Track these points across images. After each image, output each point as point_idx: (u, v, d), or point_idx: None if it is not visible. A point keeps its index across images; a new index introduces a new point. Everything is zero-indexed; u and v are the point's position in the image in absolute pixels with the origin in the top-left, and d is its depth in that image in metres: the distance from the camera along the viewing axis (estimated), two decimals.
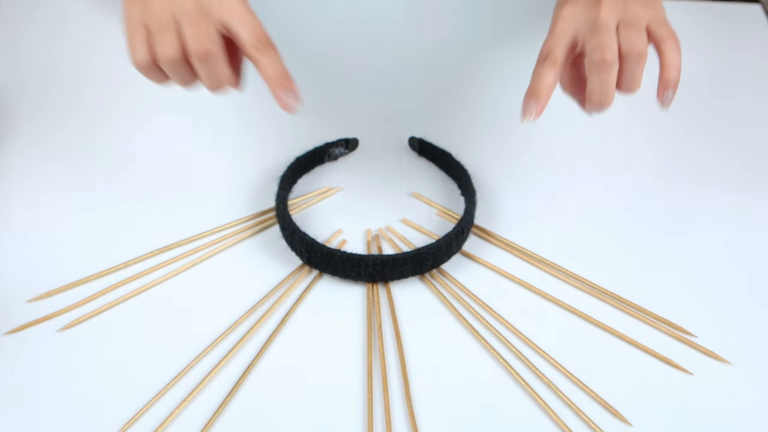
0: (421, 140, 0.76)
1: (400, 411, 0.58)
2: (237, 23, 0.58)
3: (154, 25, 0.58)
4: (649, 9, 0.61)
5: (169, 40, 0.57)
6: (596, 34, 0.59)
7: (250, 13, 0.59)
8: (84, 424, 0.56)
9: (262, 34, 0.59)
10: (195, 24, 0.57)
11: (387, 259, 0.64)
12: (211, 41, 0.57)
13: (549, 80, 0.60)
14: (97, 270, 0.66)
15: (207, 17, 0.58)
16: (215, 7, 0.58)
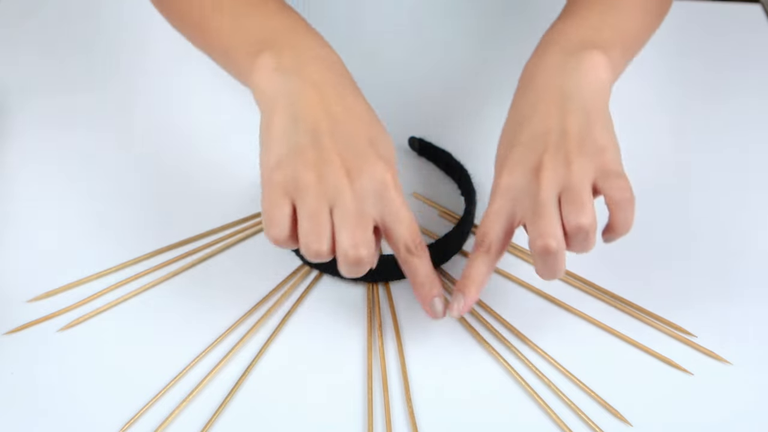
0: (420, 140, 0.76)
1: (400, 411, 0.58)
2: (394, 223, 0.55)
3: (305, 212, 0.53)
4: (596, 158, 0.55)
5: (322, 238, 0.53)
6: (537, 219, 0.54)
7: (408, 211, 0.55)
8: (84, 424, 0.56)
9: (417, 235, 0.56)
10: (353, 226, 0.53)
11: (387, 259, 0.64)
12: (366, 249, 0.53)
13: (481, 271, 0.57)
14: (97, 270, 0.66)
15: (366, 219, 0.54)
16: (376, 205, 0.55)
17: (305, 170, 0.53)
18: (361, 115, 0.57)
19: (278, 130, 0.55)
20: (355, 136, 0.56)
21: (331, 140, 0.55)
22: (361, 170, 0.54)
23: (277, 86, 0.57)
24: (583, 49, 0.59)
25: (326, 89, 0.57)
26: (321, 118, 0.55)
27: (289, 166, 0.54)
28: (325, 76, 0.58)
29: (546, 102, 0.58)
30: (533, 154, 0.56)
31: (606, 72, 0.58)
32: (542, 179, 0.54)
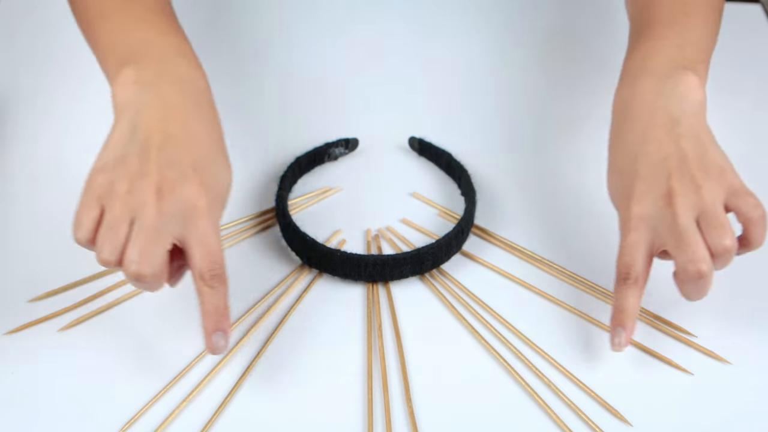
0: (421, 140, 0.76)
1: (400, 411, 0.58)
2: (193, 249, 0.55)
3: (108, 220, 0.54)
4: (721, 179, 0.57)
5: (112, 248, 0.54)
6: (683, 246, 0.55)
7: (213, 239, 0.55)
8: (84, 424, 0.56)
9: (216, 265, 0.55)
10: (143, 243, 0.53)
11: (387, 259, 0.64)
12: (148, 267, 0.53)
13: (633, 303, 0.58)
14: (97, 270, 0.66)
15: (161, 237, 0.54)
16: (179, 225, 0.54)
17: (121, 180, 0.55)
18: (199, 140, 0.58)
19: (115, 136, 0.57)
20: (182, 157, 0.56)
21: (157, 156, 0.55)
22: (173, 190, 0.54)
23: (130, 98, 0.58)
24: (675, 72, 0.60)
25: (174, 110, 0.58)
26: (156, 134, 0.56)
27: (109, 172, 0.55)
28: (178, 98, 0.58)
29: (655, 128, 0.59)
30: (659, 183, 0.57)
31: (700, 92, 0.61)
32: (677, 206, 0.56)
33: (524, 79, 0.86)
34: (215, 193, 0.57)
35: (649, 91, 0.61)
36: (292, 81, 0.84)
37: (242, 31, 0.89)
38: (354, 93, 0.83)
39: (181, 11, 0.92)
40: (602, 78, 0.84)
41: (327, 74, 0.85)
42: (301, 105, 0.81)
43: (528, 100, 0.83)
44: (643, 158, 0.58)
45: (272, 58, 0.86)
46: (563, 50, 0.89)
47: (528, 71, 0.86)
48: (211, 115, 0.61)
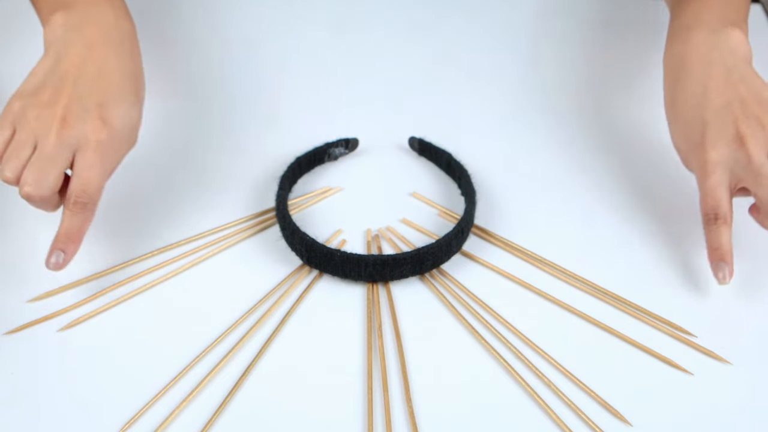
0: (420, 140, 0.76)
1: (400, 411, 0.58)
2: (74, 175, 0.61)
3: (15, 141, 0.61)
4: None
5: (12, 166, 0.60)
6: (762, 180, 0.61)
7: (95, 169, 0.61)
8: (84, 424, 0.56)
9: (85, 194, 0.60)
10: (38, 168, 0.60)
11: (387, 259, 0.64)
12: (40, 190, 0.60)
13: (727, 239, 0.62)
14: (97, 270, 0.66)
15: (55, 163, 0.60)
16: (72, 155, 0.61)
17: (33, 107, 0.61)
18: (112, 80, 0.63)
19: (39, 67, 0.64)
20: (92, 94, 0.62)
21: (70, 90, 0.61)
22: (75, 123, 0.60)
23: (57, 36, 0.64)
24: (724, 28, 0.66)
25: (94, 50, 0.64)
26: (72, 69, 0.62)
27: (25, 98, 0.62)
28: (100, 40, 0.64)
29: (713, 78, 0.64)
30: (727, 127, 0.62)
31: (747, 45, 0.66)
32: (749, 146, 0.61)
33: (524, 78, 0.86)
34: (116, 132, 0.62)
35: (704, 44, 0.65)
36: (292, 81, 0.84)
37: (242, 32, 0.89)
38: (354, 93, 0.83)
39: (181, 12, 0.92)
40: (602, 77, 0.84)
41: (327, 74, 0.85)
42: (301, 105, 0.81)
43: (527, 100, 0.83)
44: (708, 106, 0.63)
45: (272, 58, 0.86)
46: (563, 49, 0.89)
47: (528, 71, 0.86)
48: (131, 59, 0.66)
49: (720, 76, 0.64)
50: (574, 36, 0.90)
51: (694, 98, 0.64)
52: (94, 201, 0.61)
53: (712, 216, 0.62)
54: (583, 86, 0.84)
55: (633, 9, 0.92)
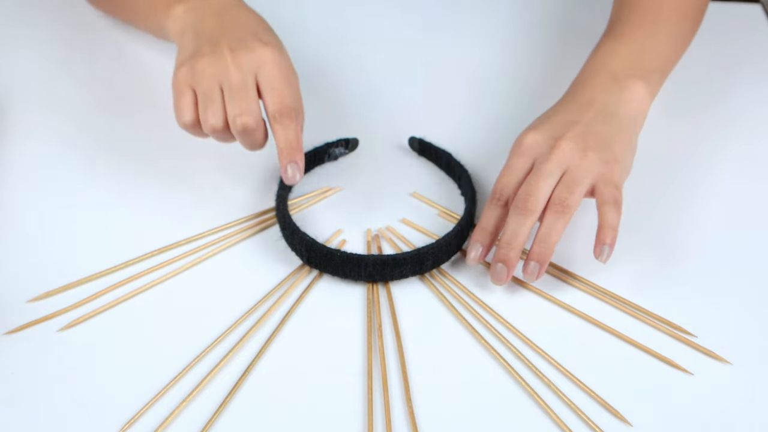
0: (420, 140, 0.76)
1: (400, 411, 0.58)
2: (266, 92, 0.64)
3: (202, 93, 0.64)
4: (607, 165, 0.62)
5: (214, 111, 0.63)
6: (530, 178, 0.62)
7: (280, 80, 0.64)
8: (84, 424, 0.56)
9: (285, 106, 0.64)
10: (238, 99, 0.63)
11: (387, 259, 0.64)
12: (250, 116, 0.63)
13: (494, 221, 0.64)
14: (97, 270, 0.66)
15: (249, 91, 0.64)
16: (254, 77, 0.64)
17: (200, 62, 0.65)
18: (251, 21, 0.69)
19: (185, 45, 0.67)
20: (243, 33, 0.66)
21: (222, 37, 0.66)
22: (243, 51, 0.64)
23: (185, 22, 0.69)
24: (628, 77, 0.67)
25: (224, 13, 0.69)
26: (216, 28, 0.67)
27: (189, 62, 0.65)
28: (224, 6, 0.69)
29: (589, 107, 0.66)
30: (559, 130, 0.64)
31: (644, 101, 0.67)
32: (556, 151, 0.62)
33: (524, 77, 0.86)
34: (279, 49, 0.66)
35: (599, 86, 0.67)
36: None
37: None
38: (354, 93, 0.83)
39: None
40: None
41: (327, 74, 0.85)
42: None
43: (527, 99, 0.83)
44: (563, 115, 0.66)
45: None
46: (564, 48, 0.89)
47: (528, 70, 0.86)
48: (253, 11, 0.70)
49: (594, 110, 0.66)
50: (575, 35, 0.90)
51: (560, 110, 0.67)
52: (295, 108, 0.64)
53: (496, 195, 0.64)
54: None
55: None
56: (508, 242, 0.61)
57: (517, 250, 0.61)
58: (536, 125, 0.66)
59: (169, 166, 0.74)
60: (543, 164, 0.62)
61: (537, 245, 0.61)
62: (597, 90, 0.67)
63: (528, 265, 0.61)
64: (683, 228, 0.70)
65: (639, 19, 0.71)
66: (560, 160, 0.62)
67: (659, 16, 0.71)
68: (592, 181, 0.62)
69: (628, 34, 0.71)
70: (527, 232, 0.61)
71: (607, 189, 0.62)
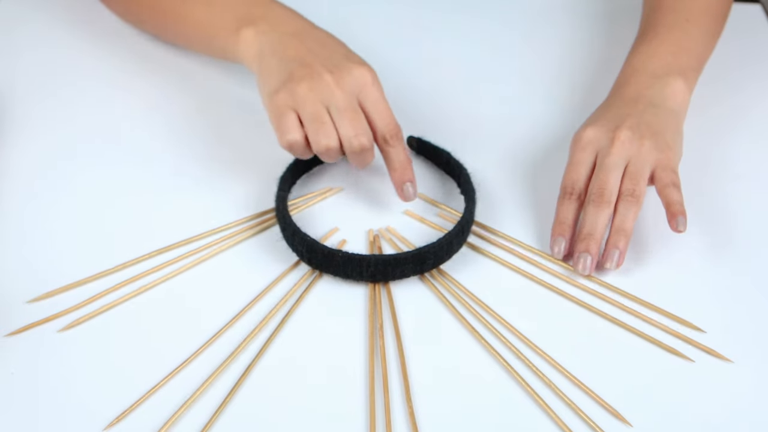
0: (419, 139, 0.76)
1: (401, 411, 0.58)
2: (374, 114, 0.66)
3: (308, 115, 0.64)
4: (662, 152, 0.66)
5: (326, 132, 0.64)
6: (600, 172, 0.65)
7: (385, 104, 0.66)
8: (84, 425, 0.56)
9: (394, 127, 0.66)
10: (350, 120, 0.65)
11: (389, 258, 0.64)
12: (366, 137, 0.65)
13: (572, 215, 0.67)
14: (97, 270, 0.66)
15: (358, 112, 0.65)
16: (361, 101, 0.66)
17: (299, 85, 0.65)
18: (333, 43, 0.69)
19: (270, 70, 0.67)
20: (333, 54, 0.67)
21: (315, 60, 0.66)
22: (343, 73, 0.65)
23: (261, 45, 0.69)
24: (666, 76, 0.71)
25: (301, 35, 0.69)
26: (302, 50, 0.67)
27: (285, 87, 0.65)
28: (298, 28, 0.70)
29: (637, 102, 0.70)
30: (614, 123, 0.68)
31: (685, 96, 0.71)
32: (616, 143, 0.66)
33: (523, 75, 0.86)
34: (372, 70, 0.67)
35: (643, 84, 0.71)
36: None
37: None
38: None
39: None
40: (602, 76, 0.84)
41: None
42: None
43: (527, 97, 0.83)
44: (614, 110, 0.69)
45: None
46: (562, 47, 0.89)
47: (528, 68, 0.87)
48: (325, 31, 0.71)
49: (642, 104, 0.69)
50: (574, 33, 0.90)
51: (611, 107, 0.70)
52: (400, 129, 0.66)
53: (569, 189, 0.67)
54: (584, 83, 0.84)
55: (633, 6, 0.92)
56: (590, 233, 0.64)
57: (598, 240, 0.64)
58: (591, 122, 0.69)
59: (169, 166, 0.74)
60: (607, 158, 0.65)
61: (615, 234, 0.64)
62: (641, 87, 0.71)
63: (609, 252, 0.64)
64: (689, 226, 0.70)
65: (672, 21, 0.75)
66: (622, 152, 0.65)
67: (690, 18, 0.75)
68: (651, 168, 0.66)
69: (663, 35, 0.74)
70: (605, 222, 0.64)
71: (665, 173, 0.65)
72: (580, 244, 0.64)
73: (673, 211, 0.64)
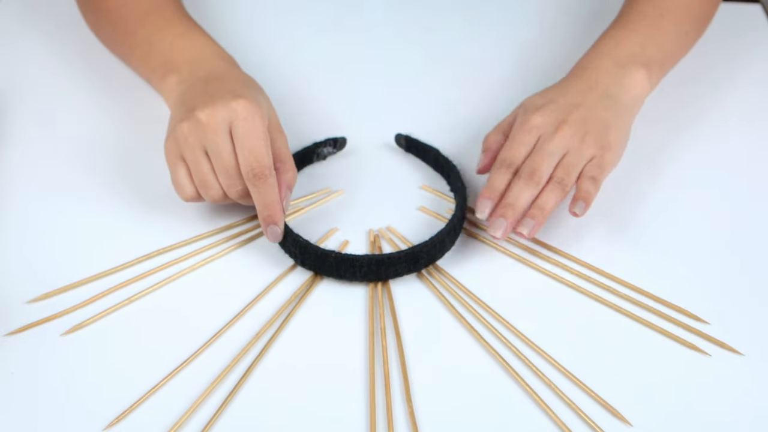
0: (407, 137, 0.75)
1: (402, 411, 0.58)
2: (240, 152, 0.64)
3: (191, 164, 0.65)
4: (600, 150, 0.67)
5: (209, 184, 0.65)
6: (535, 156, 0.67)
7: (254, 141, 0.64)
8: (84, 425, 0.56)
9: (257, 165, 0.63)
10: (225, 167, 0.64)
11: (381, 258, 0.64)
12: (240, 186, 0.65)
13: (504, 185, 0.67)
14: (96, 272, 0.66)
15: (227, 140, 0.64)
16: (232, 136, 0.64)
17: (180, 129, 0.65)
18: (231, 80, 0.69)
19: (174, 115, 0.68)
20: (221, 90, 0.66)
21: (199, 101, 0.66)
22: (216, 108, 0.64)
23: (177, 93, 0.70)
24: (631, 63, 0.71)
25: (210, 79, 0.69)
26: (199, 94, 0.67)
27: (172, 132, 0.66)
28: (211, 74, 0.70)
29: (592, 90, 0.70)
30: (563, 112, 0.68)
31: (643, 88, 0.72)
32: (559, 133, 0.67)
33: (510, 71, 0.86)
34: (255, 104, 0.65)
35: (603, 69, 0.71)
36: (279, 81, 0.84)
37: (228, 31, 0.89)
38: (341, 92, 0.83)
39: None
40: None
41: (313, 74, 0.85)
42: (288, 105, 0.81)
43: (516, 93, 0.83)
44: (567, 96, 0.70)
45: (258, 59, 0.86)
46: (552, 42, 0.89)
47: (514, 63, 0.86)
48: (240, 71, 0.72)
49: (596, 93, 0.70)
50: (565, 31, 0.90)
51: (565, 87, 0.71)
52: (268, 166, 0.64)
53: (507, 162, 0.67)
54: None
55: None
56: (511, 203, 0.65)
57: (518, 211, 0.65)
58: (543, 104, 0.69)
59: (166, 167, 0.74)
60: (547, 143, 0.67)
61: (535, 209, 0.65)
62: (601, 73, 0.71)
63: (525, 221, 0.65)
64: (691, 223, 0.70)
65: (646, 11, 0.75)
66: (562, 142, 0.67)
67: (665, 12, 0.75)
68: (586, 162, 0.67)
69: (633, 24, 0.75)
70: (528, 199, 0.65)
71: (591, 168, 0.67)
72: (499, 209, 0.65)
73: (578, 196, 0.66)
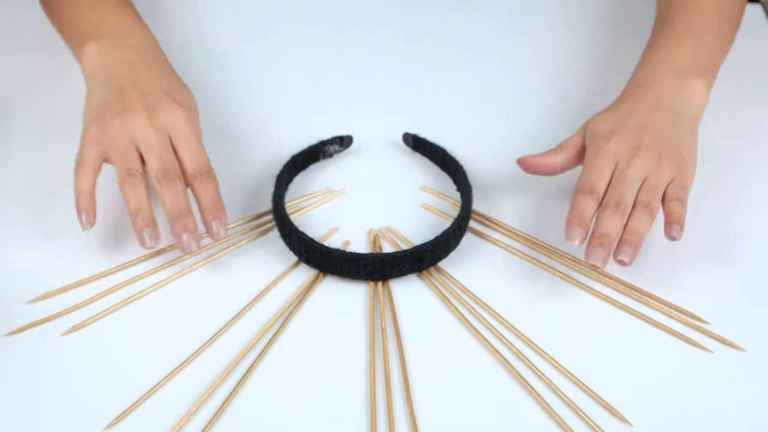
0: (415, 136, 0.76)
1: (402, 410, 0.58)
2: (184, 154, 0.66)
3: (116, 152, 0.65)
4: (678, 171, 0.66)
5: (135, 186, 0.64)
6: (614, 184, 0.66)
7: (197, 143, 0.66)
8: (84, 425, 0.56)
9: (202, 165, 0.66)
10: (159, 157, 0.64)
11: (386, 257, 0.64)
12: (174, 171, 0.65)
13: (591, 212, 0.65)
14: (97, 271, 0.66)
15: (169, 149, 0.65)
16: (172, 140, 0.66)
17: (110, 119, 0.65)
18: (162, 77, 0.70)
19: (95, 96, 0.68)
20: (154, 89, 0.68)
21: (134, 92, 0.67)
22: (157, 112, 0.66)
23: (97, 66, 0.70)
24: (689, 74, 0.71)
25: (136, 64, 0.70)
26: (126, 81, 0.68)
27: (99, 119, 0.66)
28: (138, 57, 0.70)
29: (658, 108, 0.69)
30: (637, 137, 0.67)
31: (704, 98, 0.71)
32: (637, 158, 0.66)
33: (518, 72, 0.86)
34: (191, 111, 0.68)
35: (665, 83, 0.70)
36: (286, 80, 0.84)
37: (236, 30, 0.89)
38: (347, 90, 0.83)
39: (171, 11, 0.92)
40: (597, 72, 0.84)
41: (320, 72, 0.85)
42: (295, 103, 0.81)
43: (522, 93, 0.83)
44: (636, 118, 0.68)
45: (264, 57, 0.86)
46: (557, 44, 0.89)
47: (522, 65, 0.87)
48: (166, 63, 0.72)
49: (664, 110, 0.69)
50: (570, 30, 0.90)
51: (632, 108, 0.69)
52: (209, 166, 0.66)
53: (588, 188, 0.66)
54: (580, 79, 0.84)
55: (634, 7, 0.92)
56: (604, 233, 0.64)
57: (612, 239, 0.64)
58: (614, 131, 0.68)
59: None
60: (627, 170, 0.66)
61: (628, 235, 0.64)
62: (663, 86, 0.70)
63: (622, 247, 0.64)
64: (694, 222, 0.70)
65: (688, 21, 0.75)
66: (641, 168, 0.66)
67: (707, 18, 0.75)
68: (667, 184, 0.66)
69: (680, 35, 0.74)
70: (619, 228, 0.64)
71: (675, 189, 0.66)
72: (594, 240, 0.64)
73: (671, 219, 0.64)
